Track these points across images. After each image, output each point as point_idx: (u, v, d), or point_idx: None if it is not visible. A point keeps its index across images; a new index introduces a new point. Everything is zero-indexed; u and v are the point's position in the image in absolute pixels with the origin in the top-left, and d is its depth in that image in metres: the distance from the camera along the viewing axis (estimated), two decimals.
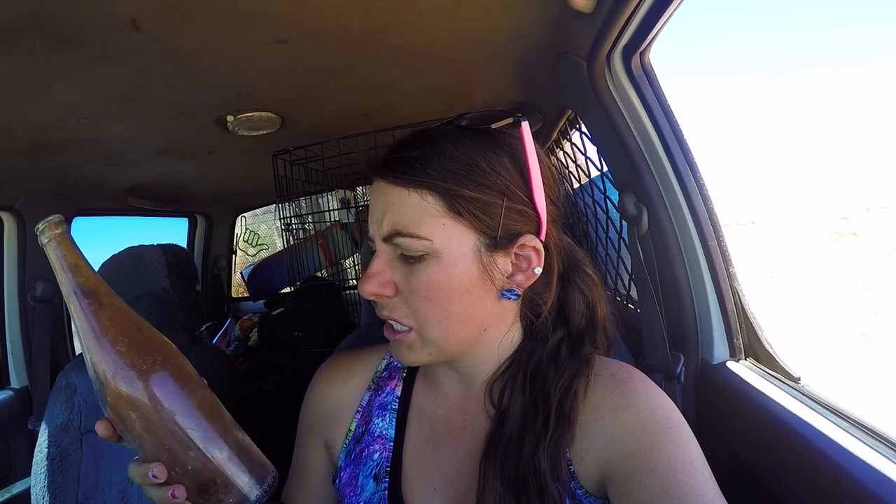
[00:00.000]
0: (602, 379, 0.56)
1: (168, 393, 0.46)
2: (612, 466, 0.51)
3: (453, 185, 0.49)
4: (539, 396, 0.55)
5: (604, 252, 1.30)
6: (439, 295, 0.51)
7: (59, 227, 0.47)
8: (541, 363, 0.56)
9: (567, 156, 1.39)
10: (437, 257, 0.50)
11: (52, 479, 1.17)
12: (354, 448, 0.64)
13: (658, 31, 0.77)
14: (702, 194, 0.86)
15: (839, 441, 0.59)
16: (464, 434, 0.59)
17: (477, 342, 0.56)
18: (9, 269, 1.45)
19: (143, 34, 0.75)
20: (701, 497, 0.46)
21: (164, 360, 0.47)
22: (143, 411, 0.45)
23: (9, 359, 1.48)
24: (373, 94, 1.11)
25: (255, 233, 2.80)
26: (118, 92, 0.94)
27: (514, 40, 0.90)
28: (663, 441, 0.50)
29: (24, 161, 1.22)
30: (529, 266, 0.54)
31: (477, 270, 0.51)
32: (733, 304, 0.87)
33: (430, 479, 0.59)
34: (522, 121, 0.52)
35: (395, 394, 0.65)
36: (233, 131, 1.16)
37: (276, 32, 0.80)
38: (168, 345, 0.49)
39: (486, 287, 0.52)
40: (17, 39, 0.72)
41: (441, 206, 0.50)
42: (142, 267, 1.20)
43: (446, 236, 0.50)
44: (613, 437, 0.52)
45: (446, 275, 0.50)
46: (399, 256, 0.52)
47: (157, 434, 0.45)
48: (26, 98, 0.92)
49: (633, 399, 0.53)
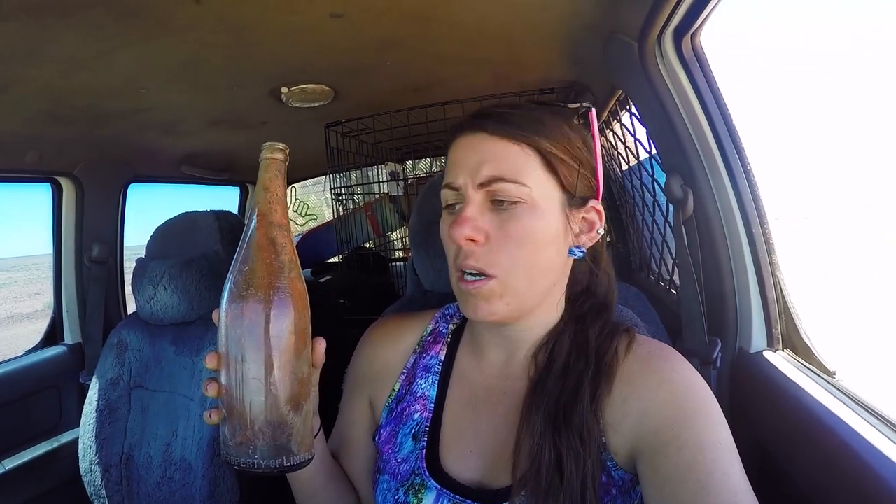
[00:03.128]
0: (640, 355, 0.57)
1: (288, 325, 0.48)
2: (643, 440, 0.52)
3: (549, 145, 0.55)
4: (582, 343, 0.58)
5: (649, 235, 1.30)
6: (530, 241, 0.54)
7: (275, 153, 0.52)
8: (582, 320, 0.60)
9: (616, 137, 1.38)
10: (532, 205, 0.54)
11: (100, 430, 1.24)
12: (396, 407, 0.66)
13: (709, 13, 0.76)
14: (748, 181, 0.85)
15: (868, 438, 0.59)
16: (503, 400, 0.61)
17: (545, 298, 0.59)
18: (66, 231, 1.52)
19: (202, 6, 0.77)
20: (727, 476, 0.47)
21: (304, 302, 0.50)
22: (266, 327, 0.47)
23: (63, 317, 1.56)
24: (424, 68, 1.12)
25: (304, 203, 2.85)
26: (176, 62, 0.97)
27: (565, 18, 0.90)
28: (694, 420, 0.51)
29: (83, 129, 1.27)
30: (593, 227, 0.60)
31: (561, 223, 0.56)
32: (774, 294, 0.86)
33: (467, 442, 0.61)
34: (590, 109, 0.60)
35: (438, 357, 0.67)
36: (286, 103, 1.18)
37: (331, 6, 0.81)
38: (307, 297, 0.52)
39: (565, 240, 0.57)
40: (83, 11, 0.75)
41: (538, 160, 0.54)
42: (196, 231, 1.25)
43: (541, 187, 0.54)
44: (646, 412, 0.53)
45: (540, 222, 0.54)
46: (491, 205, 0.55)
47: (261, 353, 0.47)
48: (88, 68, 0.95)
49: (669, 377, 0.54)
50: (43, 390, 1.47)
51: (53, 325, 1.59)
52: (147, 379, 1.25)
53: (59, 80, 0.98)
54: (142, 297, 1.24)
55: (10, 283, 13.78)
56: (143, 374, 1.26)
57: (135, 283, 1.27)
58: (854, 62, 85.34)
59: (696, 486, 0.47)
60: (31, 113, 1.13)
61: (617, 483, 0.54)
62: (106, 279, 1.54)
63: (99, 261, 1.51)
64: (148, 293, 1.22)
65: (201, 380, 1.13)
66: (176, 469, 1.15)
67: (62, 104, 1.11)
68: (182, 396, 1.18)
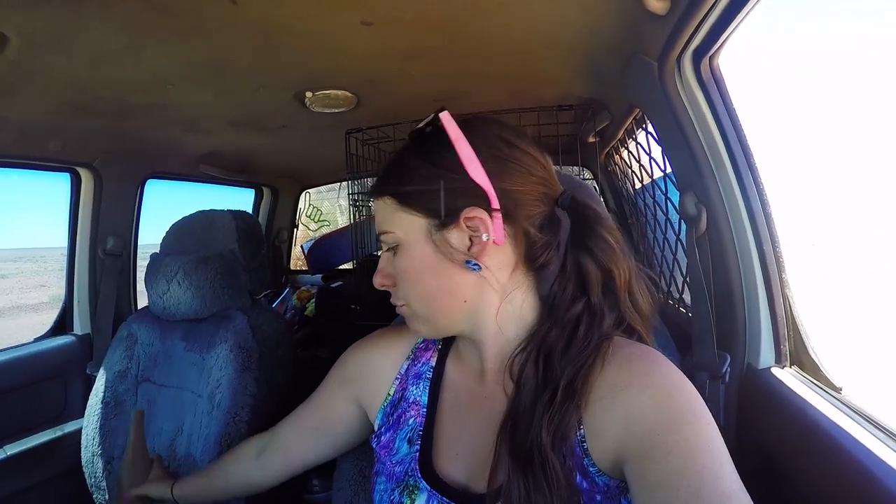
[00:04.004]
0: (619, 358, 0.55)
1: None
2: (628, 447, 0.51)
3: (399, 185, 0.60)
4: (549, 371, 0.55)
5: (660, 254, 1.31)
6: (411, 275, 0.61)
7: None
8: (558, 338, 0.57)
9: (631, 155, 1.40)
10: (403, 245, 0.60)
11: (105, 422, 1.25)
12: (393, 412, 0.69)
13: (728, 37, 0.79)
14: (761, 200, 0.87)
15: (876, 451, 0.60)
16: (484, 404, 0.63)
17: (466, 313, 0.61)
18: (83, 222, 1.54)
19: (238, 7, 0.79)
20: (719, 480, 0.46)
21: None
22: None
23: (74, 307, 1.57)
24: (446, 80, 1.14)
25: (317, 209, 2.87)
26: (205, 61, 0.99)
27: (586, 37, 0.92)
28: (681, 423, 0.49)
29: (106, 121, 1.28)
30: (478, 234, 0.58)
31: (431, 249, 0.59)
32: (783, 311, 0.87)
33: (453, 446, 0.63)
34: (440, 113, 0.61)
35: (429, 364, 0.70)
36: (309, 107, 1.20)
37: (362, 14, 0.83)
38: None
39: (445, 261, 0.58)
40: (118, 3, 0.76)
41: (395, 204, 0.60)
42: (213, 229, 1.27)
43: (404, 226, 0.60)
44: (630, 417, 0.51)
45: (410, 257, 0.60)
46: (390, 253, 0.63)
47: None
48: (117, 61, 0.96)
49: (651, 380, 0.53)
50: (49, 378, 1.48)
51: (63, 315, 1.59)
52: (155, 373, 1.26)
53: (86, 70, 0.99)
54: (155, 292, 1.25)
55: (16, 274, 13.71)
56: (151, 368, 1.27)
57: (148, 277, 1.28)
58: (865, 86, 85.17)
59: (688, 493, 0.45)
60: (57, 102, 1.14)
61: (601, 489, 0.53)
62: (119, 272, 1.56)
63: (113, 253, 1.53)
64: (161, 288, 1.23)
65: (210, 377, 1.15)
66: (180, 464, 1.15)
67: (87, 95, 1.12)
68: (190, 392, 1.19)
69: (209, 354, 1.17)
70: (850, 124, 47.42)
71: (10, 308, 10.07)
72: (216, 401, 1.10)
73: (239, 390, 1.09)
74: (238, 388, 1.09)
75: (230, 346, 1.13)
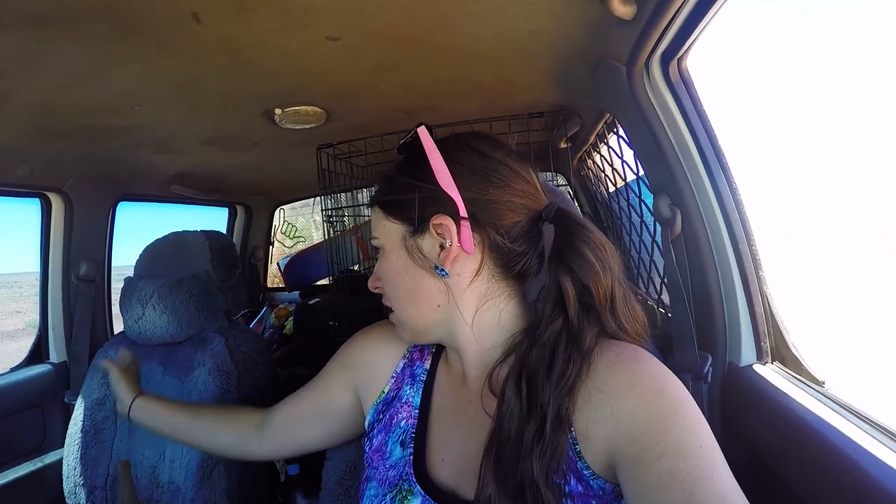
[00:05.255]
0: (605, 359, 0.55)
1: None
2: (620, 449, 0.51)
3: (383, 195, 0.65)
4: (533, 396, 0.54)
5: (636, 256, 1.31)
6: (389, 278, 0.65)
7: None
8: (539, 359, 0.55)
9: (604, 159, 1.41)
10: (384, 250, 0.65)
11: (86, 451, 1.22)
12: (386, 410, 0.71)
13: (695, 39, 0.79)
14: (734, 199, 0.87)
15: (860, 442, 0.60)
16: (469, 409, 0.63)
17: (441, 318, 0.63)
18: (54, 248, 1.51)
19: (203, 26, 0.78)
20: (711, 481, 0.46)
21: None
22: None
23: (49, 334, 1.54)
24: (416, 91, 1.13)
25: (292, 225, 2.85)
26: (173, 81, 0.98)
27: (555, 44, 0.92)
28: (671, 424, 0.49)
29: (75, 144, 1.26)
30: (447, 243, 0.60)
31: (405, 254, 0.62)
32: (762, 308, 0.88)
33: (440, 451, 0.64)
34: (418, 128, 0.64)
35: (424, 366, 0.72)
36: (279, 124, 1.19)
37: (328, 29, 0.83)
38: None
39: (416, 266, 0.62)
40: (85, 26, 0.75)
41: (380, 212, 0.65)
42: (185, 251, 1.25)
43: (386, 233, 0.64)
44: (619, 419, 0.51)
45: (388, 262, 0.64)
46: (380, 258, 0.67)
47: None
48: (85, 84, 0.95)
49: (639, 380, 0.52)
50: (27, 409, 1.44)
51: (39, 343, 1.56)
52: None
53: (54, 93, 0.98)
54: (130, 317, 1.23)
55: None
56: None
57: (123, 302, 1.26)
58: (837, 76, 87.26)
59: (682, 495, 0.45)
60: (24, 126, 1.12)
61: (597, 493, 0.53)
62: (93, 298, 1.53)
63: (87, 279, 1.50)
64: (136, 312, 1.21)
65: (190, 400, 1.12)
66: (163, 492, 1.13)
67: (55, 118, 1.10)
68: None
69: (188, 378, 1.15)
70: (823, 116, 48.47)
71: None
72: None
73: None
74: None
75: (208, 368, 1.11)
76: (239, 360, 1.13)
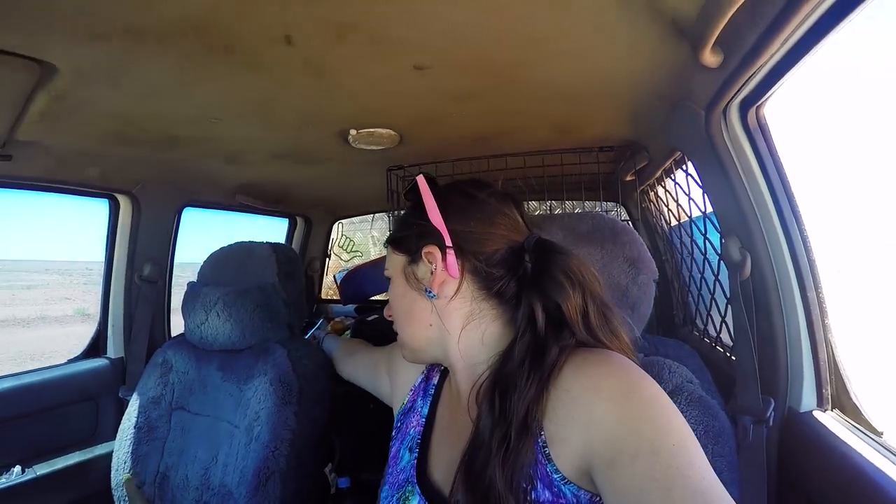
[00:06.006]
0: (573, 364, 0.57)
1: None
2: (593, 453, 0.51)
3: (392, 234, 0.76)
4: (504, 406, 0.57)
5: (696, 292, 1.32)
6: (393, 303, 0.76)
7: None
8: (511, 373, 0.59)
9: (668, 193, 1.42)
10: (391, 279, 0.75)
11: (137, 447, 1.25)
12: (403, 420, 0.82)
13: (777, 88, 0.81)
14: (805, 247, 0.88)
15: None
16: (459, 421, 0.67)
17: (434, 338, 0.70)
18: (120, 248, 1.55)
19: (293, 48, 0.80)
20: (688, 478, 0.46)
21: None
22: None
23: (109, 330, 1.58)
24: (491, 120, 1.15)
25: (350, 239, 2.86)
26: (254, 98, 1.00)
27: (636, 84, 0.94)
28: (640, 423, 0.50)
29: (148, 151, 1.29)
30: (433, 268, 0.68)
31: (404, 280, 0.72)
32: (825, 355, 0.89)
33: (437, 457, 0.71)
34: (417, 177, 0.74)
35: (433, 382, 0.81)
36: (352, 143, 1.21)
37: (417, 59, 0.85)
38: None
39: (411, 290, 0.71)
40: (175, 41, 0.77)
41: (390, 248, 0.76)
42: (252, 261, 1.28)
43: (392, 264, 0.75)
44: (590, 422, 0.52)
45: (393, 288, 0.75)
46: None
47: None
48: (167, 96, 0.98)
49: (606, 383, 0.53)
50: (82, 400, 1.49)
51: (98, 338, 1.60)
52: (190, 402, 1.26)
53: (134, 103, 1.00)
54: (192, 321, 1.26)
55: (42, 285, 13.74)
56: (186, 396, 1.27)
57: (186, 306, 1.29)
58: None
59: (661, 494, 0.45)
60: (100, 132, 1.15)
61: (570, 500, 0.53)
62: (154, 299, 1.57)
63: (149, 280, 1.54)
64: (200, 317, 1.24)
65: (248, 408, 1.15)
66: (213, 494, 1.15)
67: (132, 126, 1.12)
68: (226, 423, 1.20)
69: (247, 386, 1.17)
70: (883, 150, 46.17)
71: (34, 319, 10.09)
72: (254, 433, 1.10)
73: (279, 424, 1.09)
74: (278, 422, 1.09)
75: (269, 378, 1.13)
76: (301, 373, 1.14)
